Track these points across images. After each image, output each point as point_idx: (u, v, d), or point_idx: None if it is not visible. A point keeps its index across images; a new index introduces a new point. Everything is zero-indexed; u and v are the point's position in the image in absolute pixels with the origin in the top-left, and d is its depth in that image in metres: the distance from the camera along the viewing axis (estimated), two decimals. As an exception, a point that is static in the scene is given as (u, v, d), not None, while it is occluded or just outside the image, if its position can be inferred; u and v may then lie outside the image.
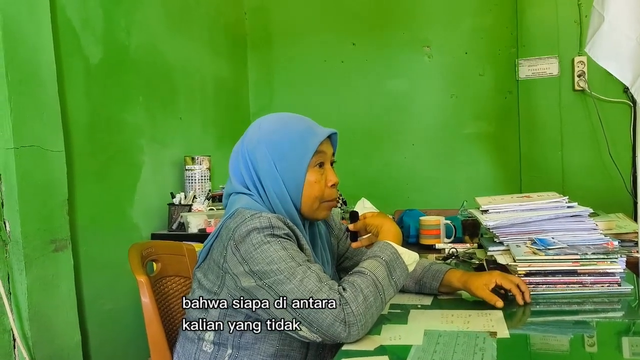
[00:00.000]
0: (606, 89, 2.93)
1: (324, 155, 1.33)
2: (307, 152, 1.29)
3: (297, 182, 1.30)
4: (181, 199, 2.41)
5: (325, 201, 1.34)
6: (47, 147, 1.73)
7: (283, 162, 1.29)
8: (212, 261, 1.28)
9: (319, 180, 1.32)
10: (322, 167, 1.33)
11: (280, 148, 1.29)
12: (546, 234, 1.62)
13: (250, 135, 1.34)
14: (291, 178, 1.29)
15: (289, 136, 1.30)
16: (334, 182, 1.34)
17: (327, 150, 1.35)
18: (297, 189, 1.30)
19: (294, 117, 1.36)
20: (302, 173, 1.29)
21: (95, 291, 1.99)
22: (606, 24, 1.61)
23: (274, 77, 3.45)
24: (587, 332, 1.26)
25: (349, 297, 1.13)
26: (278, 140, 1.29)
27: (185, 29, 2.73)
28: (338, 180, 1.36)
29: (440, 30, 3.20)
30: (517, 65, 3.06)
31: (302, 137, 1.30)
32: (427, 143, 3.25)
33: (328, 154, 1.35)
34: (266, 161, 1.29)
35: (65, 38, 1.90)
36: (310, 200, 1.32)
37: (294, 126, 1.32)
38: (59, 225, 1.77)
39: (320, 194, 1.32)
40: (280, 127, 1.32)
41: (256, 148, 1.30)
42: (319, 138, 1.31)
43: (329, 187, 1.34)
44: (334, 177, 1.35)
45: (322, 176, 1.33)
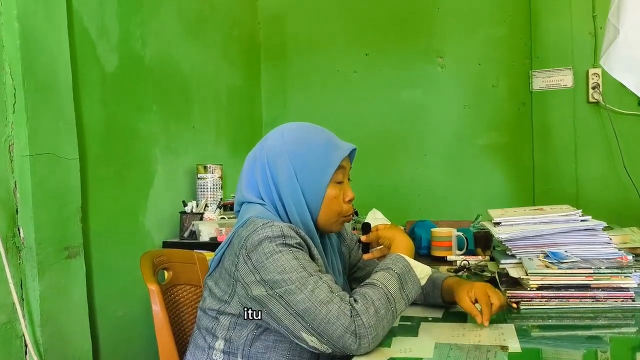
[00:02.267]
0: (621, 101, 2.90)
1: (344, 171, 1.34)
2: (330, 166, 1.30)
3: (317, 194, 1.30)
4: (193, 208, 2.42)
5: (343, 216, 1.35)
6: (62, 155, 1.74)
7: (305, 173, 1.29)
8: (223, 270, 1.28)
9: (338, 196, 1.33)
10: (340, 183, 1.34)
11: (303, 159, 1.29)
12: (559, 247, 1.60)
13: (272, 143, 1.34)
14: (311, 190, 1.30)
15: (313, 148, 1.31)
16: (350, 197, 1.35)
17: (347, 166, 1.36)
18: (317, 201, 1.31)
19: (317, 129, 1.37)
20: (324, 186, 1.30)
21: (107, 298, 2.00)
22: (621, 37, 1.60)
23: (287, 87, 3.47)
24: (600, 348, 1.24)
25: (360, 309, 1.13)
26: (301, 151, 1.30)
27: (200, 39, 2.75)
28: (354, 196, 1.36)
29: (454, 41, 3.20)
30: (531, 76, 3.05)
31: (326, 150, 1.31)
32: (440, 154, 3.24)
33: (347, 170, 1.36)
34: (287, 170, 1.29)
35: (82, 47, 1.92)
36: (329, 215, 1.32)
37: (317, 138, 1.33)
38: (73, 233, 1.78)
39: (340, 209, 1.33)
40: (304, 137, 1.33)
41: (278, 156, 1.30)
42: (343, 153, 1.32)
43: (346, 202, 1.35)
44: (351, 193, 1.36)
45: (340, 191, 1.33)
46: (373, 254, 1.42)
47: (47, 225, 1.68)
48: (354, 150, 1.37)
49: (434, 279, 1.47)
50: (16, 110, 1.62)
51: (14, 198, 1.63)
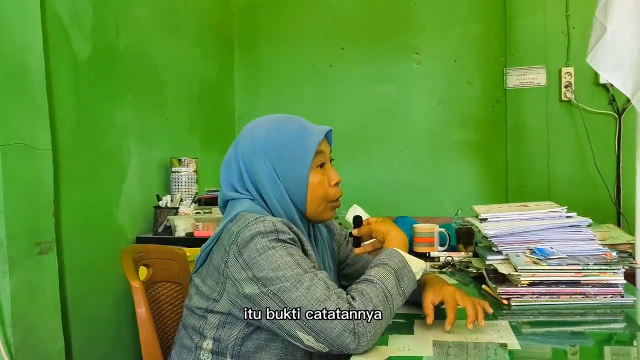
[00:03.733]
0: (592, 100, 2.95)
1: (323, 155, 1.30)
2: (307, 153, 1.26)
3: (299, 185, 1.26)
4: (167, 202, 2.34)
5: (331, 201, 1.31)
6: (34, 145, 1.66)
7: (283, 166, 1.25)
8: (211, 266, 1.23)
9: (322, 181, 1.29)
10: (322, 167, 1.30)
11: (278, 152, 1.25)
12: (544, 243, 1.61)
13: (244, 142, 1.29)
14: (293, 181, 1.26)
15: (285, 139, 1.26)
16: (336, 180, 1.32)
17: (326, 149, 1.32)
18: (300, 192, 1.27)
19: (287, 118, 1.33)
20: (305, 176, 1.26)
21: (79, 296, 1.92)
22: (608, 35, 1.61)
23: (261, 79, 3.40)
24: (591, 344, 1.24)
25: (358, 307, 1.10)
26: (274, 144, 1.26)
27: (173, 28, 2.67)
28: (340, 178, 1.33)
29: (430, 37, 3.20)
30: (506, 74, 3.07)
31: (299, 138, 1.27)
32: (415, 150, 3.23)
33: (327, 153, 1.32)
34: (264, 167, 1.25)
35: (54, 33, 1.83)
36: (316, 202, 1.29)
37: (288, 128, 1.29)
38: (45, 227, 1.70)
39: (326, 195, 1.30)
40: (275, 129, 1.28)
41: (252, 154, 1.26)
42: (317, 138, 1.28)
43: (332, 186, 1.31)
44: (336, 175, 1.32)
45: (324, 176, 1.30)
46: (365, 248, 1.39)
47: (18, 220, 1.60)
48: (331, 132, 1.33)
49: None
50: (-16, 98, 1.52)
51: (-17, 190, 1.54)
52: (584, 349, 1.21)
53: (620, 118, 2.92)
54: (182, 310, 1.64)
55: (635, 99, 1.58)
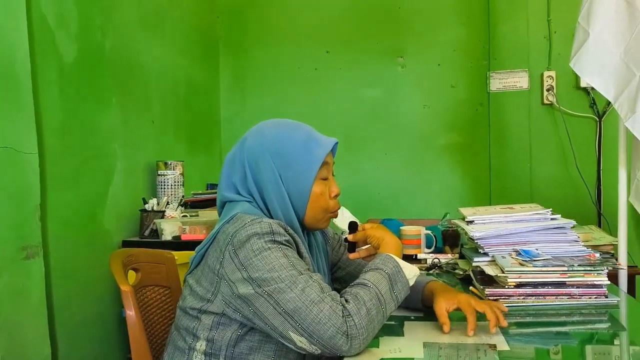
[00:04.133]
0: (573, 103, 3.02)
1: (328, 166, 1.32)
2: (314, 163, 1.27)
3: (302, 193, 1.27)
4: (154, 205, 2.33)
5: (329, 212, 1.33)
6: (20, 149, 1.64)
7: (288, 173, 1.26)
8: (206, 267, 1.23)
9: (324, 192, 1.30)
10: (325, 179, 1.31)
11: (286, 158, 1.26)
12: (530, 245, 1.64)
13: (252, 143, 1.30)
14: (296, 188, 1.27)
15: (295, 146, 1.27)
16: (336, 193, 1.34)
17: (330, 161, 1.34)
18: (302, 199, 1.28)
19: (297, 125, 1.34)
20: (309, 184, 1.27)
21: (65, 300, 1.90)
22: (591, 40, 1.65)
23: (246, 82, 3.41)
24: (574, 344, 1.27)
25: (351, 309, 1.10)
26: (283, 150, 1.27)
27: (159, 30, 2.66)
28: (340, 192, 1.34)
29: (414, 41, 3.23)
30: (489, 78, 3.11)
31: (308, 147, 1.28)
32: (400, 152, 3.27)
33: (331, 164, 1.34)
34: (270, 170, 1.26)
35: (40, 35, 1.82)
36: (315, 212, 1.30)
37: (298, 135, 1.30)
38: (31, 232, 1.68)
39: (326, 206, 1.31)
40: (285, 135, 1.29)
41: (259, 156, 1.27)
42: (326, 149, 1.29)
43: (332, 197, 1.32)
44: (337, 188, 1.34)
45: (326, 187, 1.31)
46: (359, 254, 1.40)
47: (4, 224, 1.58)
48: (336, 144, 1.34)
49: (415, 282, 1.45)
50: (-28, 100, 1.51)
51: (-31, 195, 1.52)
52: (568, 349, 1.23)
53: (600, 121, 2.98)
54: (172, 313, 1.66)
55: (618, 104, 1.62)
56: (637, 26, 1.58)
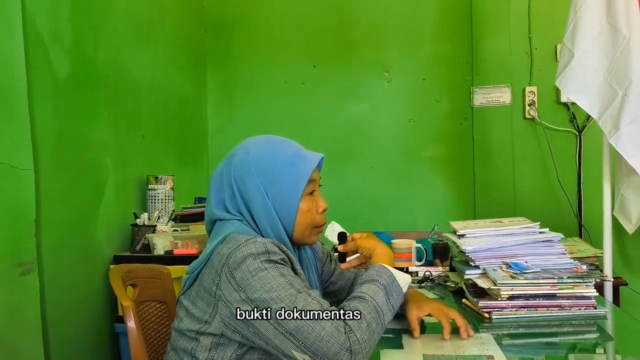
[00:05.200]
0: (554, 118, 3.10)
1: (314, 182, 1.33)
2: (300, 179, 1.27)
3: (289, 210, 1.28)
4: (145, 220, 2.34)
5: (316, 227, 1.35)
6: (16, 165, 1.64)
7: (275, 189, 1.26)
8: (201, 288, 1.23)
9: (311, 208, 1.31)
10: (312, 194, 1.33)
11: (272, 175, 1.27)
12: (519, 258, 1.68)
13: (238, 160, 1.30)
14: (283, 205, 1.27)
15: (281, 162, 1.28)
16: (324, 208, 1.34)
17: (317, 176, 1.34)
18: (290, 216, 1.28)
19: (283, 141, 1.34)
20: (296, 201, 1.27)
21: (58, 316, 1.89)
22: (575, 60, 1.71)
23: (234, 96, 3.43)
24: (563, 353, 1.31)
25: (352, 325, 1.12)
26: (268, 166, 1.27)
27: (149, 44, 2.67)
28: (327, 206, 1.36)
29: (400, 56, 3.30)
30: (472, 92, 3.18)
31: (293, 164, 1.28)
32: (386, 165, 3.31)
33: (317, 180, 1.35)
34: (256, 188, 1.26)
35: (35, 50, 1.81)
36: (302, 227, 1.30)
37: (284, 151, 1.30)
38: (27, 248, 1.68)
39: (313, 221, 1.32)
40: (271, 152, 1.30)
41: (245, 174, 1.27)
42: (312, 165, 1.30)
43: (319, 213, 1.34)
44: (324, 204, 1.35)
45: (313, 203, 1.32)
46: (350, 263, 1.43)
47: (0, 240, 1.57)
48: (322, 159, 1.37)
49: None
50: (-31, 117, 1.51)
51: (-34, 211, 1.52)
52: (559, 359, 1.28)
53: (580, 135, 3.07)
54: (168, 328, 1.66)
55: (602, 121, 1.68)
56: (619, 47, 1.65)
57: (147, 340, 1.58)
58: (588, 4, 1.70)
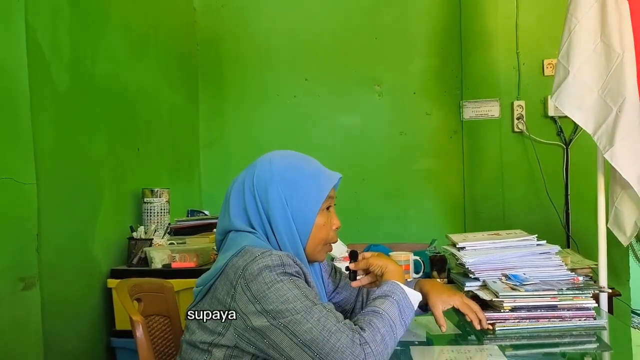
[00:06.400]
0: (542, 131, 3.16)
1: (331, 199, 1.36)
2: (320, 194, 1.31)
3: (306, 223, 1.31)
4: (141, 233, 2.33)
5: (326, 244, 1.37)
6: (19, 180, 1.64)
7: (295, 201, 1.29)
8: (215, 300, 1.24)
9: (326, 224, 1.34)
10: (328, 210, 1.36)
11: (294, 187, 1.29)
12: (517, 270, 1.72)
13: (261, 171, 1.32)
14: (301, 218, 1.30)
15: (303, 176, 1.31)
16: (338, 225, 1.38)
17: (333, 194, 1.38)
18: (306, 230, 1.31)
19: (305, 157, 1.38)
20: (314, 215, 1.30)
21: (57, 330, 1.87)
22: (570, 77, 1.77)
23: (226, 109, 3.43)
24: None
25: (368, 337, 1.14)
26: (292, 179, 1.30)
27: (144, 57, 2.68)
28: (340, 225, 1.39)
29: (390, 70, 3.34)
30: (462, 106, 3.24)
31: (316, 179, 1.32)
32: (377, 178, 3.34)
33: (334, 198, 1.38)
34: (278, 198, 1.28)
35: (36, 64, 1.81)
36: (315, 242, 1.33)
37: (306, 166, 1.34)
38: (29, 262, 1.67)
39: (326, 237, 1.35)
40: (294, 165, 1.33)
41: (268, 184, 1.29)
42: (332, 181, 1.34)
43: (332, 230, 1.37)
44: (338, 222, 1.38)
45: (328, 219, 1.35)
46: (361, 282, 1.45)
47: (3, 256, 1.57)
48: (339, 179, 1.40)
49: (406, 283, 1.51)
50: (-26, 132, 1.50)
51: (-30, 227, 1.50)
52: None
53: (567, 148, 3.13)
54: (172, 342, 1.66)
55: (597, 137, 1.73)
56: (613, 65, 1.71)
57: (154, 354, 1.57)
58: (582, 22, 1.75)
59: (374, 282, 1.43)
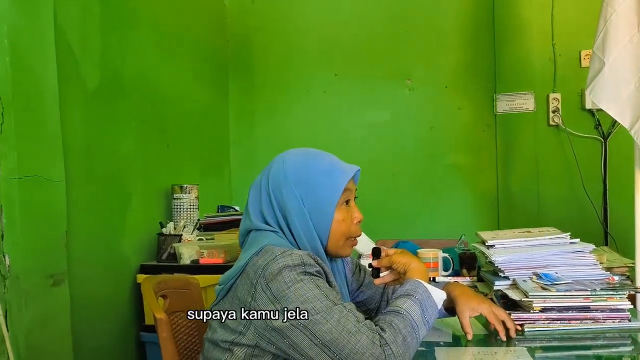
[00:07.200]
0: (579, 124, 3.07)
1: (349, 192, 1.33)
2: (336, 190, 1.29)
3: (325, 219, 1.29)
4: (171, 229, 2.35)
5: (350, 238, 1.35)
6: (48, 177, 1.67)
7: (311, 199, 1.27)
8: (235, 299, 1.24)
9: (346, 218, 1.31)
10: (348, 205, 1.33)
11: (308, 185, 1.28)
12: (549, 269, 1.66)
13: (275, 171, 1.31)
14: (319, 215, 1.28)
15: (317, 173, 1.29)
16: (359, 219, 1.35)
17: (352, 187, 1.35)
18: (325, 227, 1.29)
19: (319, 153, 1.36)
20: (331, 211, 1.28)
21: (86, 326, 1.92)
22: (606, 69, 1.69)
23: (255, 106, 3.44)
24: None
25: (388, 338, 1.12)
26: (306, 177, 1.28)
27: (173, 55, 2.70)
28: (362, 217, 1.36)
29: (421, 64, 3.29)
30: (495, 99, 3.17)
31: (330, 174, 1.30)
32: (408, 173, 3.30)
33: (353, 191, 1.36)
34: (293, 198, 1.27)
35: (66, 63, 1.85)
36: (336, 238, 1.31)
37: (320, 163, 1.32)
38: (58, 259, 1.70)
39: (348, 231, 1.32)
40: (307, 163, 1.32)
41: (282, 185, 1.28)
42: (347, 176, 1.31)
43: (354, 224, 1.34)
44: (359, 214, 1.35)
45: (348, 213, 1.33)
46: (384, 279, 1.43)
47: (34, 252, 1.60)
48: (358, 171, 1.37)
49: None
50: (4, 130, 1.53)
51: (0, 223, 1.54)
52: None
53: (605, 142, 3.03)
54: (197, 339, 1.67)
55: (634, 131, 1.66)
56: (650, 56, 1.64)
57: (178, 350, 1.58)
58: (618, 12, 1.68)
59: (398, 279, 1.40)
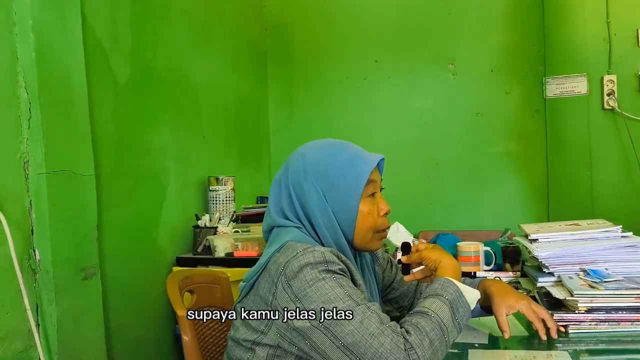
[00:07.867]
0: (636, 107, 2.87)
1: (374, 184, 1.26)
2: (359, 182, 1.22)
3: (349, 213, 1.23)
4: (206, 222, 2.34)
5: (378, 231, 1.28)
6: (78, 172, 1.66)
7: (333, 193, 1.21)
8: (258, 297, 1.20)
9: (371, 211, 1.25)
10: (373, 197, 1.26)
11: (329, 178, 1.22)
12: (599, 264, 1.55)
13: (295, 166, 1.26)
14: (342, 209, 1.22)
15: (338, 165, 1.23)
16: (386, 210, 1.27)
17: (377, 178, 1.28)
18: (349, 220, 1.23)
19: (339, 144, 1.29)
20: (355, 204, 1.22)
21: (122, 319, 1.92)
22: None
23: (295, 94, 3.40)
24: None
25: (414, 342, 1.05)
26: (326, 170, 1.22)
27: (208, 46, 2.68)
28: (390, 209, 1.29)
29: (465, 47, 3.15)
30: (545, 83, 3.00)
31: (352, 166, 1.23)
32: (452, 162, 3.19)
33: (378, 182, 1.28)
34: (314, 192, 1.21)
35: (95, 57, 1.84)
36: (363, 232, 1.25)
37: (341, 154, 1.25)
38: (89, 253, 1.70)
39: (374, 225, 1.25)
40: (327, 155, 1.25)
41: (303, 179, 1.23)
42: (370, 166, 1.24)
43: (381, 216, 1.27)
44: (386, 206, 1.28)
45: (374, 206, 1.26)
46: (414, 276, 1.35)
47: (64, 246, 1.60)
48: (382, 160, 1.29)
49: (468, 284, 1.38)
50: (31, 125, 1.54)
51: (30, 218, 1.54)
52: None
53: (667, 126, 2.82)
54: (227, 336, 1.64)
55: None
56: None
57: (205, 348, 1.56)
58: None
59: (429, 276, 1.32)
